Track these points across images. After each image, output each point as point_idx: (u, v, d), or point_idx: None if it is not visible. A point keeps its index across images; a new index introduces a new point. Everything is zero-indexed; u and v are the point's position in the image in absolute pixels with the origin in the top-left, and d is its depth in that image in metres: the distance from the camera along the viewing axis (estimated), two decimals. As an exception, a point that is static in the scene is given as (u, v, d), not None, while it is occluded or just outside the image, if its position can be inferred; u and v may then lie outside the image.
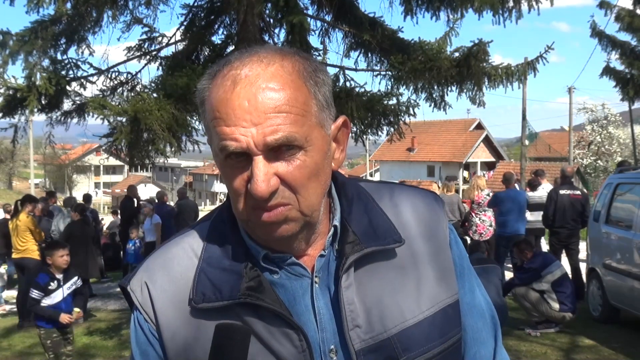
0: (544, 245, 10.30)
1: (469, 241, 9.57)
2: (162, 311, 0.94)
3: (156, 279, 0.96)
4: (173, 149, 6.85)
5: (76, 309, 5.37)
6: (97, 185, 62.55)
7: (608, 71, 14.51)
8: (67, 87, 7.39)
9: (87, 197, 13.17)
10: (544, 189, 9.72)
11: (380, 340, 0.91)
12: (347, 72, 7.73)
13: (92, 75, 7.73)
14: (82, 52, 7.80)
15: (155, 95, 6.58)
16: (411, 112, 7.48)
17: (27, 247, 8.41)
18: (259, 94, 0.83)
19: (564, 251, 8.51)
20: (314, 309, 0.92)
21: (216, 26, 7.93)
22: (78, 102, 7.72)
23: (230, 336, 0.84)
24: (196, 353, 0.92)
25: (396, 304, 0.93)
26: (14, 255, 8.65)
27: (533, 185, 9.91)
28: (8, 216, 10.32)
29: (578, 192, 8.62)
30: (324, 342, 0.91)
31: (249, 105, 0.83)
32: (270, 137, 0.83)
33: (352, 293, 0.91)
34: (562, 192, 8.40)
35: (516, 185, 10.22)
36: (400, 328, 0.92)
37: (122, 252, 11.94)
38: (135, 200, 11.96)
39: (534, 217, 9.38)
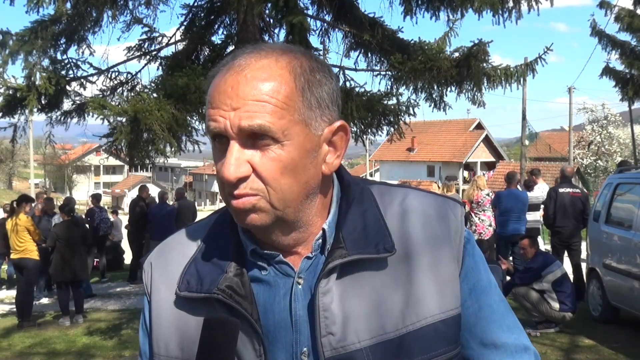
0: (541, 245, 10.29)
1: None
2: (157, 293, 0.98)
3: (160, 262, 1.00)
4: (173, 149, 6.84)
5: None
6: (97, 185, 62.51)
7: (608, 71, 14.52)
8: (67, 87, 7.40)
9: (97, 197, 13.17)
10: (539, 189, 9.70)
11: (351, 351, 0.88)
12: (347, 72, 7.75)
13: (92, 75, 7.73)
14: (82, 52, 7.80)
15: (155, 95, 6.58)
16: (411, 112, 7.47)
17: (25, 247, 8.37)
18: (242, 81, 0.86)
19: (565, 251, 8.50)
20: (291, 309, 0.91)
21: (216, 26, 7.93)
22: (78, 102, 7.72)
23: (219, 329, 0.84)
24: (172, 339, 0.94)
25: (378, 315, 0.89)
26: (12, 256, 8.60)
27: (529, 185, 9.88)
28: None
29: (577, 190, 8.62)
30: (297, 344, 0.91)
31: (232, 91, 0.85)
32: (244, 121, 0.84)
33: (330, 299, 0.89)
34: (561, 190, 8.39)
35: (518, 185, 10.22)
36: (377, 340, 0.88)
37: (133, 253, 11.77)
38: (145, 200, 11.86)
39: (529, 217, 9.38)
